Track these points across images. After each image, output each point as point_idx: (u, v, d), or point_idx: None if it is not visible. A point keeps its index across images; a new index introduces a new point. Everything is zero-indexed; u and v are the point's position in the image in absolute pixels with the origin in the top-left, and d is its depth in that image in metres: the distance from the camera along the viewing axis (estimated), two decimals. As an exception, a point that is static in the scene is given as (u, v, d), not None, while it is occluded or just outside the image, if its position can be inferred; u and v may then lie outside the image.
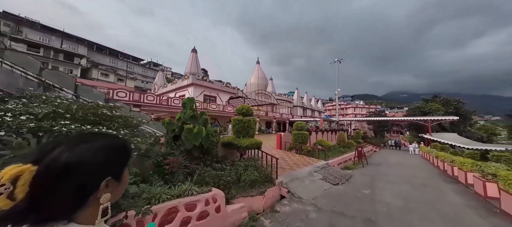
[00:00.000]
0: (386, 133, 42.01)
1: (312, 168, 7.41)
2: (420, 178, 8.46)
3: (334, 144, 18.53)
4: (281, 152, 10.68)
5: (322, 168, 7.83)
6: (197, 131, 4.41)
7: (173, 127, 4.99)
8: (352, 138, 26.53)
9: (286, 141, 11.45)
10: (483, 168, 5.68)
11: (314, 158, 9.77)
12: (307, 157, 9.77)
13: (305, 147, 10.36)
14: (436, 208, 4.51)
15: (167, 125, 4.89)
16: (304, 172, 6.67)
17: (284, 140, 11.47)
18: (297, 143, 10.48)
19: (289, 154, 10.14)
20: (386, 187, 6.27)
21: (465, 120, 26.37)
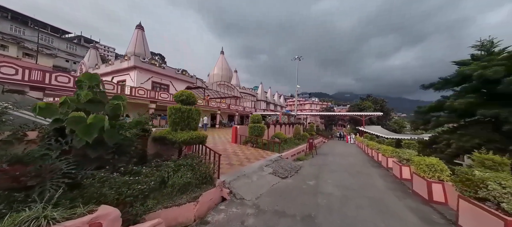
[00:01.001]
0: (334, 126, 48.89)
1: (264, 162, 7.06)
2: (356, 165, 9.66)
3: (290, 136, 19.52)
4: (235, 146, 10.01)
5: (274, 161, 7.63)
6: (91, 122, 2.97)
7: (54, 114, 3.29)
8: (307, 130, 29.17)
9: (243, 135, 10.85)
10: (400, 154, 6.77)
11: (269, 151, 9.61)
12: (262, 150, 9.49)
13: (261, 140, 10.06)
14: (366, 194, 4.86)
15: (42, 111, 3.15)
16: (254, 167, 6.17)
17: (240, 133, 10.84)
18: (253, 136, 10.04)
19: (244, 148, 9.59)
20: (329, 176, 6.59)
21: (386, 116, 33.55)
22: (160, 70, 20.00)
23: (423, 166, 4.45)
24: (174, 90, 21.65)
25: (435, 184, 4.15)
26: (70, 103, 3.35)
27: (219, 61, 42.91)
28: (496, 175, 2.54)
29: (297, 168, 7.56)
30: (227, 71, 41.60)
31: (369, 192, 4.98)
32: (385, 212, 3.69)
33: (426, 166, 4.36)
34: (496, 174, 2.59)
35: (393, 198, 4.60)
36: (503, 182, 2.33)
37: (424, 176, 4.37)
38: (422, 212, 3.77)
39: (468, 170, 2.95)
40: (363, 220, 3.34)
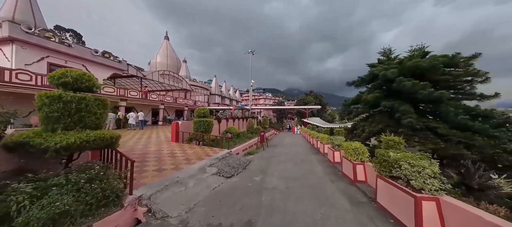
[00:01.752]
0: (285, 120, 53.68)
1: (208, 162, 6.14)
2: (301, 154, 10.45)
3: (244, 130, 19.29)
4: (175, 145, 8.43)
5: (221, 159, 6.85)
6: None
7: None
8: (261, 124, 30.20)
9: (187, 132, 9.34)
10: (333, 140, 7.68)
11: (217, 148, 8.72)
12: (209, 148, 8.47)
13: (208, 137, 8.97)
14: (307, 182, 5.00)
15: None
16: (193, 170, 5.15)
17: (183, 130, 9.27)
18: (198, 133, 8.77)
19: (186, 147, 8.21)
20: (276, 168, 6.55)
21: (323, 109, 39.97)
22: (63, 48, 14.25)
23: (350, 150, 5.00)
24: (92, 78, 16.29)
25: (358, 165, 4.73)
26: None
27: (163, 48, 36.74)
28: (406, 155, 2.92)
29: (246, 163, 7.13)
30: (173, 60, 36.24)
31: (309, 180, 5.17)
32: (322, 201, 3.75)
33: (352, 150, 4.92)
34: (405, 154, 2.98)
35: (328, 183, 4.95)
36: (412, 162, 2.64)
37: (351, 159, 4.91)
38: (350, 193, 4.15)
39: (384, 151, 3.33)
40: (303, 213, 3.20)
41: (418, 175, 2.47)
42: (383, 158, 3.22)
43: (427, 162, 2.61)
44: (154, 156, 6.35)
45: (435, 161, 2.68)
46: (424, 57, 11.08)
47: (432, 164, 2.58)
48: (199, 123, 8.78)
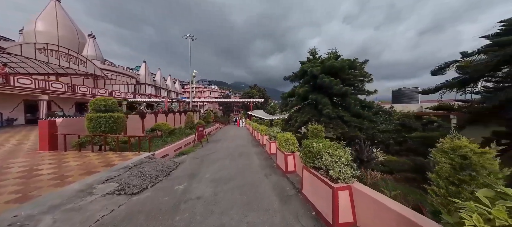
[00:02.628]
0: (232, 113, 53.15)
1: (104, 175, 4.24)
2: (241, 147, 10.13)
3: (181, 126, 16.75)
4: (48, 155, 5.44)
5: (133, 168, 5.04)
6: None
7: None
8: (204, 118, 27.84)
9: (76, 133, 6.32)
10: (270, 131, 7.80)
11: (132, 152, 6.55)
12: (117, 153, 6.17)
13: (115, 139, 6.52)
14: (241, 181, 4.52)
15: None
16: (61, 196, 3.23)
17: (68, 131, 6.20)
18: (96, 135, 6.12)
19: (70, 157, 5.48)
20: (210, 169, 5.67)
21: (266, 102, 42.98)
22: None
23: (282, 141, 5.00)
24: None
25: (289, 156, 4.80)
26: None
27: (48, 12, 25.05)
28: (326, 145, 2.94)
29: (171, 168, 5.71)
30: (69, 30, 25.54)
31: (244, 178, 4.72)
32: (252, 204, 3.32)
33: (284, 141, 4.94)
34: (326, 144, 3.02)
35: (263, 179, 4.71)
36: (331, 152, 2.63)
37: (283, 150, 4.92)
38: (281, 187, 4.05)
39: (309, 142, 3.31)
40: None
41: (335, 165, 2.46)
42: (307, 149, 3.19)
43: (342, 151, 2.69)
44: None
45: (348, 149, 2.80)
46: (337, 59, 13.80)
47: (346, 152, 2.68)
48: (98, 121, 6.12)
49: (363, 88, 13.42)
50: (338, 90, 11.83)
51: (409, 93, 30.59)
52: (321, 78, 12.23)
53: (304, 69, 13.55)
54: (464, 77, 5.32)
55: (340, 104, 13.79)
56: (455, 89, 5.93)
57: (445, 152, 2.45)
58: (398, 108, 18.75)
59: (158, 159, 6.36)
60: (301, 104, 15.57)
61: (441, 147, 2.50)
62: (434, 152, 2.66)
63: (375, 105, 14.31)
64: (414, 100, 32.22)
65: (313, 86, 14.53)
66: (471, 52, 5.47)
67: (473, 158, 2.24)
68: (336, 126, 12.12)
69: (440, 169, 2.41)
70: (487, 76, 4.77)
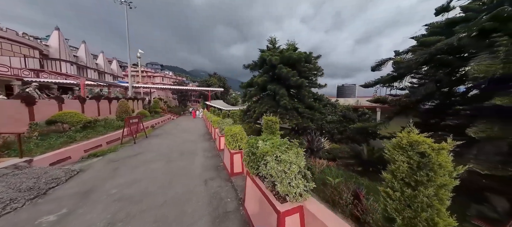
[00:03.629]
0: (189, 103, 47.84)
1: None
2: (189, 142, 8.56)
3: (111, 117, 13.04)
4: None
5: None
6: None
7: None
8: (150, 107, 23.36)
9: None
10: (220, 124, 6.66)
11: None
12: None
13: None
14: (168, 194, 3.22)
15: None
16: None
17: None
18: None
19: None
20: (122, 179, 4.01)
21: (227, 92, 41.02)
22: None
23: (228, 136, 4.02)
24: None
25: (235, 154, 3.90)
26: None
27: None
28: (275, 144, 2.15)
29: (55, 182, 3.67)
30: None
31: (172, 188, 3.47)
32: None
33: (231, 136, 3.97)
34: (274, 143, 2.24)
35: (200, 185, 3.61)
36: (280, 156, 1.85)
37: (229, 147, 3.97)
38: (219, 198, 3.09)
39: (253, 141, 2.46)
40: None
41: (284, 175, 1.70)
42: (251, 150, 2.34)
43: (294, 153, 1.96)
44: None
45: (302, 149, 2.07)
46: (295, 51, 13.95)
47: (298, 155, 1.96)
48: None
49: (316, 82, 14.24)
50: (294, 81, 11.91)
51: (349, 89, 37.25)
52: (280, 68, 11.95)
53: (264, 57, 12.92)
54: (396, 73, 5.99)
55: (296, 95, 14.19)
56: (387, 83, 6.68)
57: (403, 148, 2.10)
58: (341, 101, 21.63)
59: (35, 169, 4.06)
60: (261, 94, 15.12)
61: (397, 142, 2.11)
62: (390, 148, 2.23)
63: (324, 98, 15.70)
64: (353, 95, 39.07)
65: (272, 77, 14.23)
66: (402, 51, 6.28)
67: (431, 155, 1.92)
68: (291, 117, 12.36)
69: (397, 169, 2.03)
70: (414, 72, 5.56)
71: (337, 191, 6.00)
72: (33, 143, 5.82)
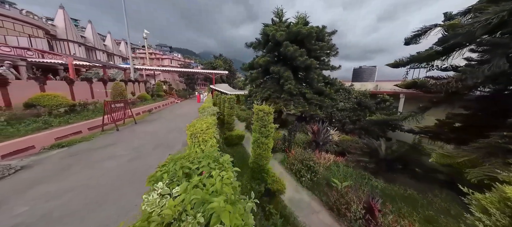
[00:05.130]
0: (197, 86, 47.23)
1: None
2: (175, 130, 7.66)
3: (98, 100, 12.44)
4: None
5: None
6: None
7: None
8: (152, 91, 22.90)
9: None
10: (202, 112, 5.52)
11: None
12: None
13: None
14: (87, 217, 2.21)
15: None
16: None
17: None
18: None
19: None
20: (57, 185, 3.11)
21: (233, 75, 39.39)
22: None
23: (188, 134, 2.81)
24: None
25: None
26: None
27: None
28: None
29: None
30: None
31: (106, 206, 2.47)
32: None
33: (191, 135, 2.76)
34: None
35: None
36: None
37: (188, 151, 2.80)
38: None
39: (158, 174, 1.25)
40: None
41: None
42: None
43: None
44: None
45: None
46: (305, 25, 11.77)
47: None
48: None
49: (328, 63, 12.17)
50: (302, 62, 10.07)
51: (368, 71, 32.92)
52: (285, 46, 10.07)
53: (267, 32, 10.99)
54: (442, 46, 4.15)
55: (304, 79, 12.40)
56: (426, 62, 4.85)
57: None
58: (357, 86, 19.24)
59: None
60: (264, 78, 13.52)
61: (502, 195, 0.76)
62: (484, 201, 0.77)
63: (337, 82, 13.68)
64: (371, 79, 35.05)
65: (277, 57, 12.40)
66: (456, 13, 4.30)
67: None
68: (297, 104, 10.83)
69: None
70: (476, 43, 3.74)
71: (345, 199, 4.70)
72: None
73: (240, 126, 12.96)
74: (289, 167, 6.55)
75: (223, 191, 0.95)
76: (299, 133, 10.77)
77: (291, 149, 7.90)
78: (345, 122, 13.63)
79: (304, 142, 9.60)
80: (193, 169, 1.24)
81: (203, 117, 4.87)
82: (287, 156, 7.37)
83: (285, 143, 8.03)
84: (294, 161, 6.41)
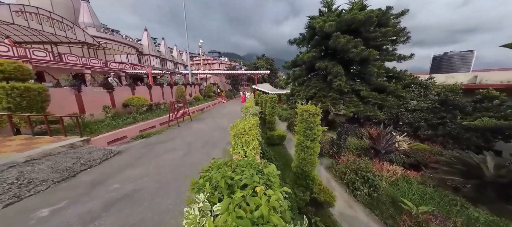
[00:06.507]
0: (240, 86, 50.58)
1: None
2: (219, 129, 8.26)
3: (165, 101, 15.20)
4: None
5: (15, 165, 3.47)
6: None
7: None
8: (204, 92, 26.17)
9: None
10: (245, 112, 5.58)
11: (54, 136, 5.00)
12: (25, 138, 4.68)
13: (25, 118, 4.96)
14: (155, 208, 2.61)
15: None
16: None
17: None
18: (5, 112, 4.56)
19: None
20: (135, 171, 3.89)
21: (274, 74, 39.20)
22: None
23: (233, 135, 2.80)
24: None
25: None
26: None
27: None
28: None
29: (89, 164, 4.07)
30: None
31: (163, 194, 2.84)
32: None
33: (235, 135, 2.72)
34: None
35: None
36: None
37: (232, 152, 2.78)
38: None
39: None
40: None
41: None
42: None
43: None
44: None
45: None
46: (362, 10, 9.90)
47: None
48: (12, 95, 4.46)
49: (394, 52, 9.75)
50: (357, 54, 8.52)
51: (458, 59, 22.98)
52: (336, 37, 8.84)
53: (313, 25, 10.04)
54: None
55: (358, 74, 10.53)
56: None
57: None
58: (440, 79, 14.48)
59: (85, 149, 4.78)
60: (309, 75, 12.52)
61: None
62: None
63: (407, 76, 10.72)
64: (465, 68, 25.24)
65: (324, 51, 11.15)
66: None
67: None
68: (349, 103, 9.31)
69: None
70: None
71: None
72: (105, 123, 7.36)
73: (281, 126, 12.59)
74: (338, 176, 5.67)
75: (270, 219, 0.75)
76: (351, 137, 9.23)
77: (341, 155, 6.86)
78: (419, 126, 10.56)
79: (358, 148, 8.13)
80: (236, 180, 1.12)
81: (246, 117, 4.93)
82: (336, 163, 6.43)
83: (333, 148, 7.04)
84: (346, 169, 5.48)
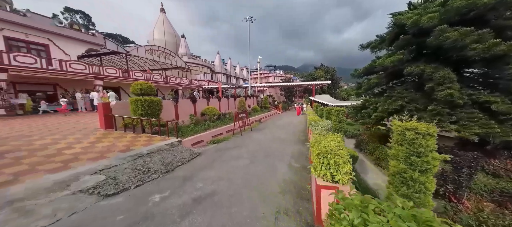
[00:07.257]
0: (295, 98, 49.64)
1: (105, 163, 4.06)
2: (279, 140, 7.97)
3: (229, 111, 16.95)
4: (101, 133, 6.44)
5: (141, 156, 4.74)
6: None
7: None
8: (261, 103, 27.52)
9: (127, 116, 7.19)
10: (313, 126, 4.94)
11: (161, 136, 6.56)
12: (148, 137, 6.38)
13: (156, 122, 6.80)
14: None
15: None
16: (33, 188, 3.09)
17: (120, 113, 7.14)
18: (136, 118, 6.60)
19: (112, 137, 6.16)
20: (209, 173, 4.24)
21: (335, 85, 35.18)
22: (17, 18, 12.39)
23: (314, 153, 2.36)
24: (61, 54, 14.71)
25: (325, 189, 2.12)
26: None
27: (159, 23, 33.80)
28: None
29: (182, 161, 4.95)
30: (171, 36, 33.56)
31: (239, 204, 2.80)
32: None
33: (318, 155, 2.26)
34: None
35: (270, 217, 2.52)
36: None
37: (314, 174, 2.32)
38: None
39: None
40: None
41: None
42: None
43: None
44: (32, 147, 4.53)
45: None
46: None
47: None
48: (136, 104, 6.56)
49: None
50: (482, 50, 5.81)
51: None
52: (440, 32, 6.55)
53: (401, 23, 8.05)
54: None
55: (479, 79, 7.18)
56: None
57: None
58: None
59: (179, 148, 5.93)
60: (389, 83, 10.02)
61: None
62: None
63: None
64: None
65: (416, 52, 8.58)
66: None
67: None
68: (466, 122, 6.34)
69: None
70: None
71: None
72: (190, 128, 9.09)
73: (347, 143, 10.60)
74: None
75: None
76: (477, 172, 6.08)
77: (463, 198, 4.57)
78: None
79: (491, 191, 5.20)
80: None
81: (317, 130, 4.34)
82: (457, 208, 4.35)
83: (446, 184, 4.84)
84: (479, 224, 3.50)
